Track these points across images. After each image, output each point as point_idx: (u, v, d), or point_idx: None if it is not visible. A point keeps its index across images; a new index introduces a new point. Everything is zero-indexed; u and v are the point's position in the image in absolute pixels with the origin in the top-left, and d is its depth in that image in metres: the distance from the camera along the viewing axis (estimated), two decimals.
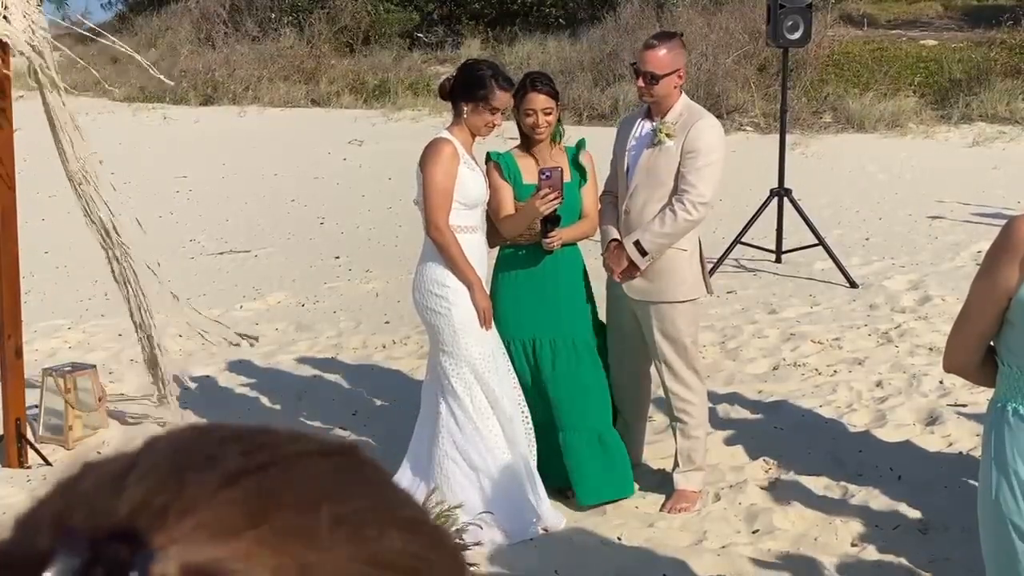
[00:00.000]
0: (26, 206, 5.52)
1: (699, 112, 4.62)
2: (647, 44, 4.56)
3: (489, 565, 4.22)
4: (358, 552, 0.54)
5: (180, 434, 0.59)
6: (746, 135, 15.31)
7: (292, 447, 0.58)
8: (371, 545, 0.55)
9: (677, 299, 4.61)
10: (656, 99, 4.55)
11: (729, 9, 18.13)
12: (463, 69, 4.55)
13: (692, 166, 4.48)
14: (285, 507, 0.54)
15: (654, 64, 4.48)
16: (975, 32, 18.72)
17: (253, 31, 22.91)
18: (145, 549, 0.51)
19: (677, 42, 4.60)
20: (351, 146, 16.64)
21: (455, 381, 4.43)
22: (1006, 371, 2.58)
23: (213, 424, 0.60)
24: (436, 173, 4.38)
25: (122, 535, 0.51)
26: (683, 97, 4.62)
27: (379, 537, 0.55)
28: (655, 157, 4.55)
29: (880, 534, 4.35)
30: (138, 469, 0.55)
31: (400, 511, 0.58)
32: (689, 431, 4.73)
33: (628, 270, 4.60)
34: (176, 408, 5.60)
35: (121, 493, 0.54)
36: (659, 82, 4.48)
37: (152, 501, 0.53)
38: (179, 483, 0.54)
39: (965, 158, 13.83)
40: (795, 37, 8.57)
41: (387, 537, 0.56)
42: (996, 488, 2.56)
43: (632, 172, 4.61)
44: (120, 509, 0.53)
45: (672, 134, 4.51)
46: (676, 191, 4.52)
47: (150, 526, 0.52)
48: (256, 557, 0.52)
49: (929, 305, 7.56)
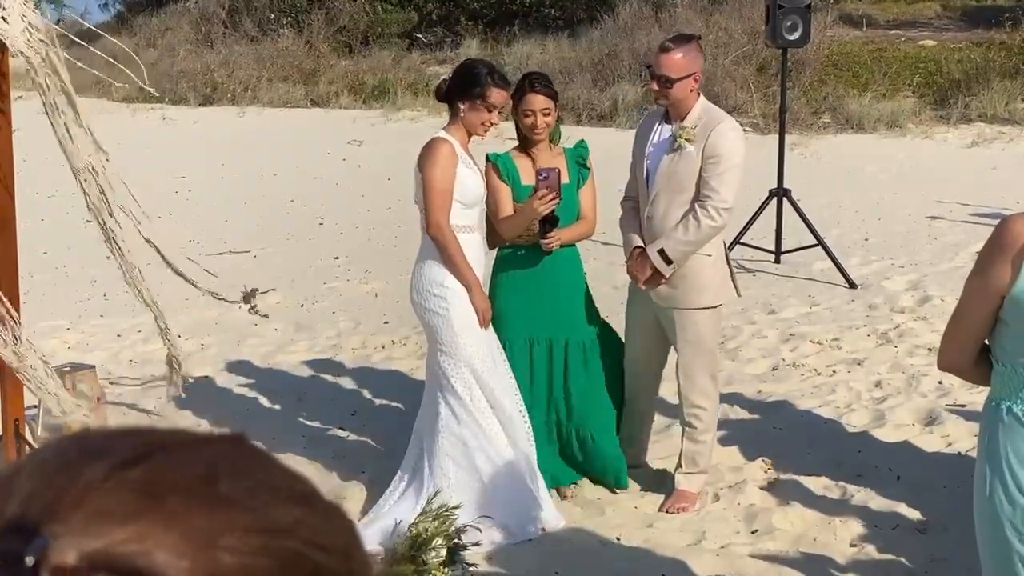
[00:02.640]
0: (25, 206, 5.52)
1: (719, 116, 4.55)
2: (662, 47, 4.50)
3: (489, 565, 4.22)
4: (256, 522, 0.55)
5: (65, 438, 0.59)
6: (745, 135, 15.29)
7: (179, 437, 0.59)
8: (268, 515, 0.56)
9: (702, 305, 4.58)
10: (671, 102, 4.49)
11: (728, 9, 18.13)
12: (459, 69, 4.56)
13: (714, 171, 4.43)
14: (178, 488, 0.54)
15: (668, 68, 4.42)
16: (974, 32, 18.72)
17: (252, 31, 22.90)
18: (37, 537, 0.51)
19: (694, 45, 4.53)
20: (350, 146, 16.64)
21: (454, 381, 4.43)
22: (1000, 370, 2.58)
23: (95, 428, 0.61)
24: (435, 172, 4.38)
25: (14, 528, 0.51)
26: (701, 100, 4.55)
27: (275, 509, 0.56)
28: (675, 163, 4.49)
29: (879, 534, 4.35)
30: (26, 469, 0.56)
31: (293, 486, 0.59)
32: (697, 436, 4.71)
33: (653, 278, 4.56)
34: (172, 402, 5.61)
35: (11, 494, 0.54)
36: (673, 86, 4.42)
37: (42, 494, 0.53)
38: (68, 476, 0.54)
39: (964, 158, 13.84)
40: (794, 37, 8.57)
41: (282, 510, 0.57)
42: (991, 486, 2.56)
43: (652, 178, 4.56)
44: (10, 507, 0.53)
45: (692, 139, 4.45)
46: (697, 196, 4.47)
47: (41, 517, 0.52)
48: (154, 537, 0.52)
49: (928, 305, 7.56)
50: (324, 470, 5.15)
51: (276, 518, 0.56)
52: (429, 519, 4.01)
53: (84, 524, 0.52)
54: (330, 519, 0.60)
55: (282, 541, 0.56)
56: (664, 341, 4.77)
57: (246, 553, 0.54)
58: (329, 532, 0.59)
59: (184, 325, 7.74)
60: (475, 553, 4.14)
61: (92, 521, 0.52)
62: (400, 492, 4.59)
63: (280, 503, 0.57)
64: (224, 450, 0.59)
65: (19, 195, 5.22)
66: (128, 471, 0.54)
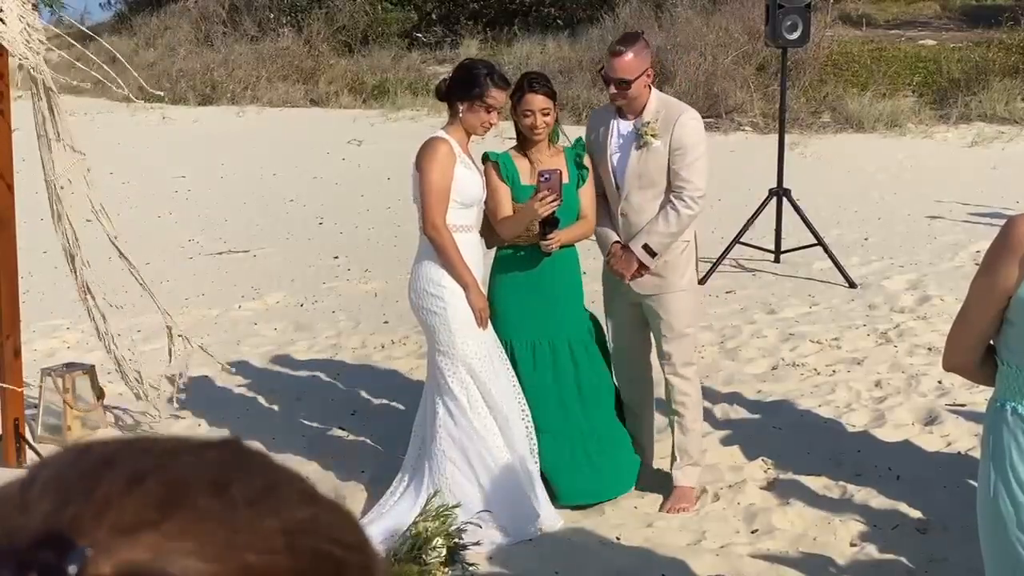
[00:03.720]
0: (25, 206, 5.51)
1: (677, 106, 4.65)
2: (613, 51, 4.57)
3: (488, 565, 4.22)
4: (276, 522, 0.56)
5: (71, 450, 0.60)
6: (745, 135, 15.30)
7: (180, 444, 0.59)
8: (285, 515, 0.57)
9: (682, 288, 4.68)
10: (628, 101, 4.58)
11: (728, 9, 18.11)
12: (459, 69, 4.57)
13: (683, 162, 4.52)
14: (194, 495, 0.55)
15: (623, 70, 4.51)
16: (974, 32, 18.72)
17: (252, 31, 22.90)
18: (74, 549, 0.51)
19: (642, 43, 4.62)
20: (350, 146, 16.64)
21: (452, 381, 4.43)
22: (1005, 370, 2.58)
23: (95, 440, 0.61)
24: (433, 172, 4.38)
25: (45, 542, 0.52)
26: (654, 92, 4.64)
27: (291, 507, 0.57)
28: (644, 159, 4.57)
29: (879, 534, 4.35)
30: (37, 485, 0.56)
31: (299, 485, 0.60)
32: (686, 424, 4.77)
33: (637, 272, 4.63)
34: (164, 409, 5.61)
35: (27, 509, 0.54)
36: (631, 86, 4.52)
37: (64, 509, 0.54)
38: (85, 489, 0.55)
39: (964, 158, 13.83)
40: (794, 37, 8.57)
41: (297, 507, 0.58)
42: (994, 486, 2.56)
43: (622, 176, 4.63)
44: (32, 523, 0.53)
45: (656, 134, 4.54)
46: (669, 188, 4.56)
47: (70, 530, 0.52)
48: (179, 545, 0.53)
49: (928, 305, 7.56)
50: (324, 470, 5.15)
51: (294, 516, 0.57)
52: (429, 519, 4.01)
53: (110, 537, 0.52)
54: (340, 515, 0.61)
55: (304, 539, 0.56)
56: (645, 331, 4.83)
57: (272, 553, 0.55)
58: (343, 527, 0.60)
59: (184, 325, 7.74)
60: (475, 553, 4.15)
61: (117, 533, 0.53)
62: (400, 492, 4.59)
63: (293, 502, 0.58)
64: (226, 453, 0.60)
65: (19, 195, 5.22)
66: (143, 482, 0.55)
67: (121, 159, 14.43)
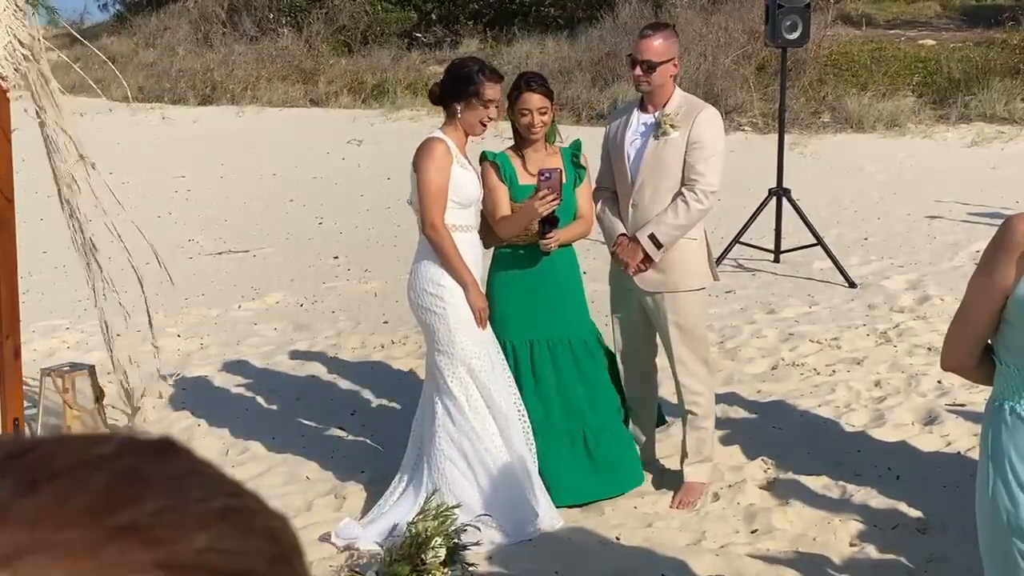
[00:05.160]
0: (24, 206, 5.51)
1: (699, 103, 4.67)
2: (642, 33, 4.62)
3: (488, 565, 4.22)
4: (156, 557, 0.51)
5: None
6: (745, 135, 15.30)
7: (75, 456, 0.54)
8: (166, 548, 0.51)
9: (691, 288, 4.66)
10: (652, 88, 4.58)
11: (727, 9, 18.11)
12: (450, 70, 4.56)
13: (700, 156, 4.52)
14: (68, 522, 0.50)
15: (650, 52, 4.52)
16: (974, 32, 18.72)
17: (251, 31, 22.91)
18: None
19: (671, 32, 4.67)
20: (350, 146, 16.64)
21: (451, 380, 4.43)
22: (1004, 370, 2.58)
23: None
24: (430, 172, 4.38)
25: None
26: (679, 89, 4.66)
27: (177, 539, 0.52)
28: (661, 149, 4.57)
29: (879, 534, 4.35)
30: None
31: (209, 503, 0.54)
32: (699, 423, 4.76)
33: (642, 263, 4.62)
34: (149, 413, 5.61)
35: None
36: (656, 70, 4.53)
37: None
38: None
39: (964, 158, 13.83)
40: (793, 37, 8.57)
41: (187, 537, 0.52)
42: (993, 486, 2.56)
43: (637, 166, 4.62)
44: None
45: (676, 125, 4.55)
46: (682, 182, 4.55)
47: None
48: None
49: (928, 305, 7.56)
50: (323, 470, 5.15)
51: (179, 550, 0.51)
52: (428, 519, 4.01)
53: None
54: (249, 535, 0.54)
55: (185, 574, 0.51)
56: (652, 330, 4.81)
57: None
58: (243, 554, 0.53)
59: (184, 325, 7.74)
60: (474, 553, 4.14)
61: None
62: (400, 492, 4.59)
63: (190, 527, 0.52)
64: (132, 467, 0.54)
65: (19, 195, 5.22)
66: (16, 502, 0.50)
67: (121, 159, 14.42)
